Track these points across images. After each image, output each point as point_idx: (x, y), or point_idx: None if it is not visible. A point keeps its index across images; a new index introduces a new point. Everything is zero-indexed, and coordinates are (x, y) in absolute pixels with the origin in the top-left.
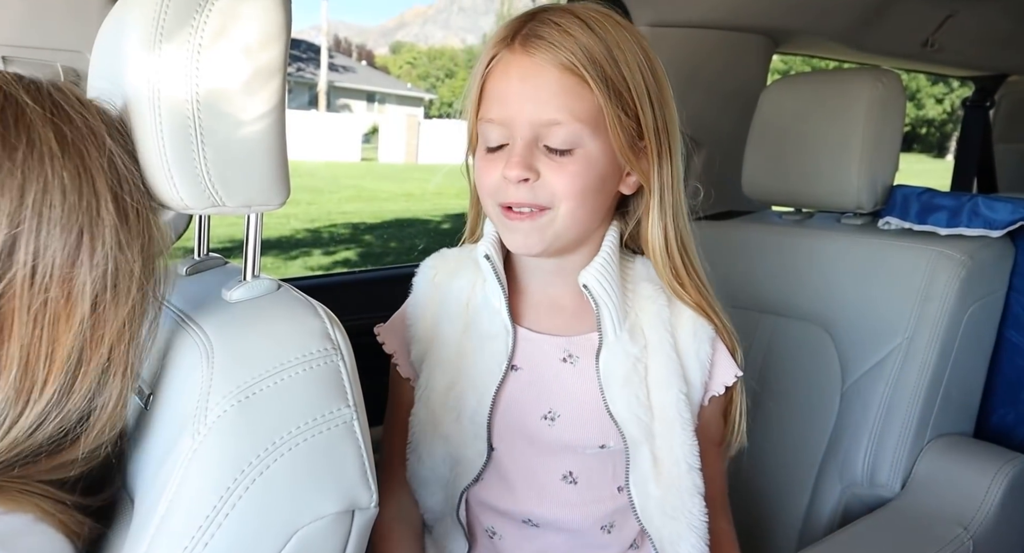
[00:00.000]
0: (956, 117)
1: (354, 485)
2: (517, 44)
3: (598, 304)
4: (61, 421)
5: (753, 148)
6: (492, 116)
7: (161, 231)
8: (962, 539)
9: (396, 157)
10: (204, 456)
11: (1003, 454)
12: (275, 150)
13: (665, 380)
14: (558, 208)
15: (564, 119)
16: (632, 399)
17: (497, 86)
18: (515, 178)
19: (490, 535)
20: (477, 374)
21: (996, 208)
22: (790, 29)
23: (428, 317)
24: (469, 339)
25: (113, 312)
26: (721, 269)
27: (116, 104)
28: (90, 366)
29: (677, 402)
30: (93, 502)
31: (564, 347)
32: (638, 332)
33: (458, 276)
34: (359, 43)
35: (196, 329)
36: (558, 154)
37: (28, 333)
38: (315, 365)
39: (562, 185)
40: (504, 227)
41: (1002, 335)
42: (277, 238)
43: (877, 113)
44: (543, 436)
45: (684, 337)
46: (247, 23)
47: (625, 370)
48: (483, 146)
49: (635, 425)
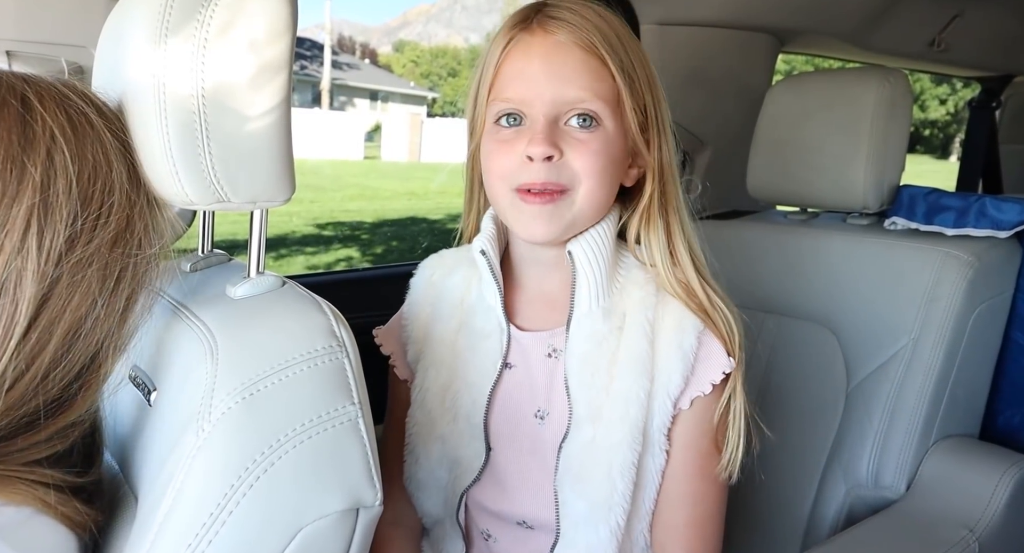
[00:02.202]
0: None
1: (358, 483)
2: (536, 25)
3: (576, 271)
4: (37, 385)
5: (758, 147)
6: (510, 95)
7: (155, 216)
8: (968, 541)
9: (399, 155)
10: (208, 453)
11: (1009, 456)
12: (281, 146)
13: (628, 369)
14: (578, 189)
15: (587, 97)
16: (589, 377)
17: (516, 66)
18: (540, 155)
19: (485, 537)
20: (472, 373)
21: (1004, 209)
22: (796, 28)
23: (423, 316)
24: (463, 338)
25: (129, 288)
26: (726, 269)
27: (118, 99)
28: (97, 336)
29: (628, 395)
30: (88, 478)
31: (548, 341)
32: (616, 314)
33: (453, 274)
34: (362, 41)
35: (200, 325)
36: (581, 132)
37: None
38: (320, 362)
39: (584, 163)
40: (518, 212)
41: (1009, 336)
42: (281, 235)
43: (884, 112)
44: (536, 435)
45: (667, 329)
46: (253, 18)
47: (585, 349)
48: (494, 130)
49: (583, 403)
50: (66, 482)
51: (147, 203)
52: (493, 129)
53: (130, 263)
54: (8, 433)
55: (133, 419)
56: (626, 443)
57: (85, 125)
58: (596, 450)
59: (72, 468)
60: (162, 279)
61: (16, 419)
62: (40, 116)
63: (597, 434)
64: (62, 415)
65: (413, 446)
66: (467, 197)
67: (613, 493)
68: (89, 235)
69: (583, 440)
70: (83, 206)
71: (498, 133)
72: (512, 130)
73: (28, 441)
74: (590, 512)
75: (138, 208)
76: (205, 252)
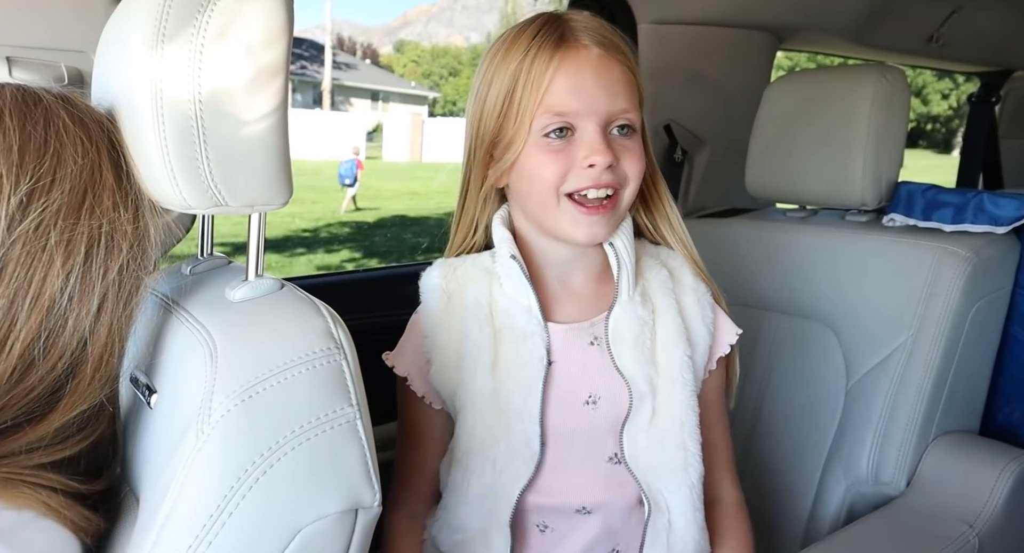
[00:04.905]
0: (962, 113)
1: (357, 484)
2: (573, 40)
3: (620, 264)
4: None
5: (757, 145)
6: (565, 109)
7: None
8: (968, 537)
9: (400, 155)
10: (208, 455)
11: (1009, 451)
12: (278, 150)
13: (672, 343)
14: (625, 190)
15: (630, 108)
16: (640, 356)
17: (570, 81)
18: (605, 163)
19: (541, 529)
20: (520, 376)
21: (1001, 204)
22: (794, 25)
23: (451, 329)
24: (503, 342)
25: (104, 266)
26: (725, 267)
27: (114, 104)
28: (77, 315)
29: (681, 363)
30: (94, 487)
31: (589, 331)
32: (647, 298)
33: (471, 284)
34: (363, 41)
35: (200, 328)
36: (624, 139)
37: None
38: (318, 364)
39: (633, 167)
40: (574, 219)
41: (1008, 332)
42: (282, 237)
43: (881, 109)
44: (590, 421)
45: (689, 304)
46: (249, 23)
47: (635, 332)
48: (543, 142)
49: (642, 380)
50: (71, 487)
51: (116, 180)
52: (540, 142)
53: (100, 238)
54: (12, 420)
55: (134, 421)
56: (689, 406)
57: (31, 103)
58: (660, 421)
59: (78, 475)
60: (157, 278)
61: (14, 402)
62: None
63: (657, 407)
64: (60, 409)
65: (465, 455)
66: (462, 204)
67: (687, 455)
68: (40, 204)
69: (645, 416)
70: (32, 175)
71: (548, 145)
72: (562, 141)
73: (35, 433)
74: (671, 479)
75: (97, 184)
76: (205, 255)
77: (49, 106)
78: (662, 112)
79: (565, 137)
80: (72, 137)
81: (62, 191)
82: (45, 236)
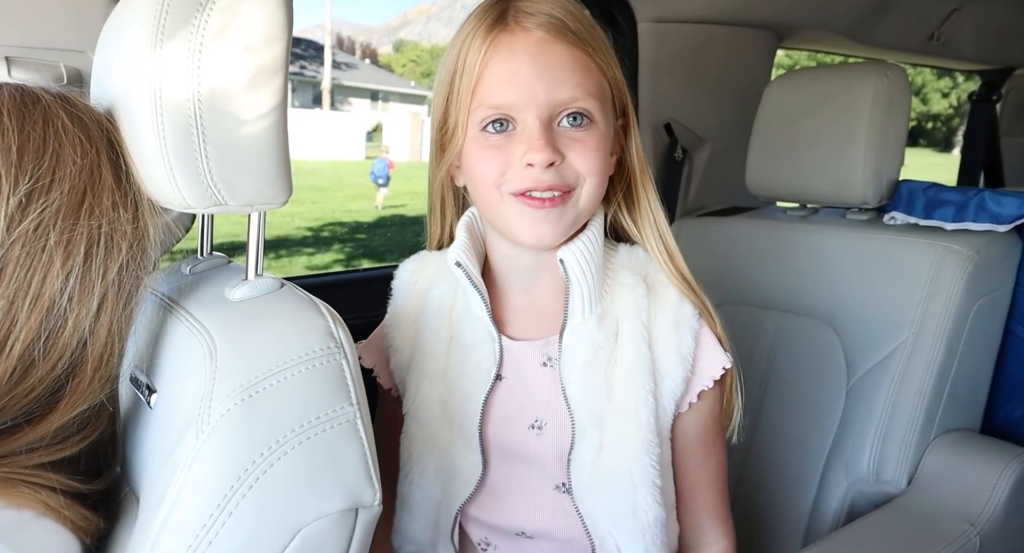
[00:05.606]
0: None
1: (357, 483)
2: (513, 22)
3: (570, 280)
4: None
5: (757, 143)
6: (499, 101)
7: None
8: (969, 535)
9: (400, 155)
10: (208, 454)
11: (1010, 450)
12: (277, 149)
13: (630, 375)
14: (582, 188)
15: (580, 96)
16: (589, 386)
17: (503, 68)
18: (543, 162)
19: (483, 547)
20: (465, 386)
21: (1003, 202)
22: (794, 23)
23: (409, 326)
24: (455, 350)
25: (103, 266)
26: (725, 265)
27: (113, 103)
28: (77, 315)
29: (638, 400)
30: (94, 487)
31: (543, 350)
32: (609, 320)
33: (438, 283)
34: (363, 41)
35: (199, 328)
36: (575, 131)
37: (21, 275)
38: (318, 363)
39: (585, 163)
40: (520, 217)
41: (1009, 330)
42: (283, 236)
43: (882, 107)
44: (532, 447)
45: (663, 330)
46: (248, 22)
47: (584, 357)
48: (480, 137)
49: (586, 412)
50: (71, 487)
51: (115, 180)
52: (479, 136)
53: (99, 238)
54: (12, 420)
55: (134, 421)
56: (643, 448)
57: (30, 103)
58: (607, 459)
59: (78, 475)
60: (157, 277)
61: (14, 402)
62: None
63: (605, 441)
64: (60, 409)
65: (408, 465)
66: (433, 205)
67: (637, 498)
68: (40, 204)
69: (591, 448)
70: (31, 176)
71: (486, 140)
72: (501, 136)
73: (35, 433)
74: (620, 520)
75: (97, 184)
76: (204, 255)
77: (48, 106)
78: (663, 111)
79: (506, 131)
80: (71, 137)
81: (61, 191)
82: (44, 236)
